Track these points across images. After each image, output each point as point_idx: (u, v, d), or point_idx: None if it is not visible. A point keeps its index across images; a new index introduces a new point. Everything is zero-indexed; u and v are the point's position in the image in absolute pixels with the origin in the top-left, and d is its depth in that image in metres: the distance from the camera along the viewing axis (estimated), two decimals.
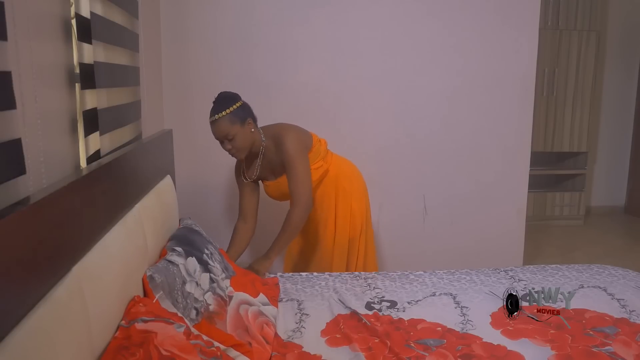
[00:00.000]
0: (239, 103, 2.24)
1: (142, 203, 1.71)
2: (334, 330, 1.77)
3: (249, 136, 2.26)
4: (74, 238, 1.20)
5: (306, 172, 2.29)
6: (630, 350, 1.61)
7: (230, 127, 2.19)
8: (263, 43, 3.03)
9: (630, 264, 3.81)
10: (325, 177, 2.48)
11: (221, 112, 2.18)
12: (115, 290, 1.30)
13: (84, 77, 1.56)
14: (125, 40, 1.96)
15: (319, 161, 2.45)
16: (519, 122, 3.32)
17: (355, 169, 2.65)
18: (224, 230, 3.00)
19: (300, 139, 2.34)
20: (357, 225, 2.54)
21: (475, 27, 3.18)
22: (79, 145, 1.58)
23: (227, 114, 2.18)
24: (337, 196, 2.51)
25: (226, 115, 2.18)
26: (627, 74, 5.40)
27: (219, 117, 2.18)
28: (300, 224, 2.30)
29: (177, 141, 2.70)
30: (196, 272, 1.67)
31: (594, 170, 5.53)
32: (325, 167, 2.48)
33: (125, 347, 1.17)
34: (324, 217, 2.52)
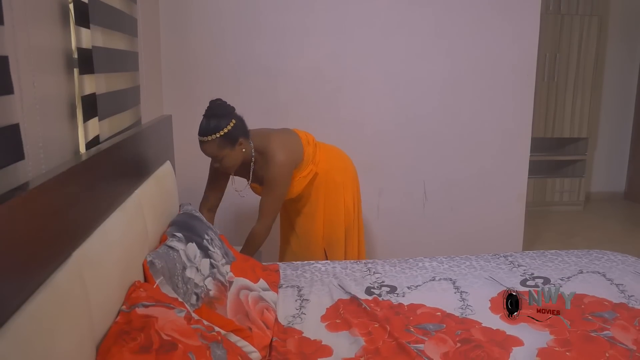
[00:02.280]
0: (231, 124, 2.13)
1: (141, 189, 1.71)
2: (334, 316, 1.78)
3: (239, 156, 2.20)
4: (74, 224, 1.20)
5: (281, 199, 2.30)
6: (629, 334, 1.62)
7: (219, 151, 2.12)
8: (264, 28, 3.01)
9: (630, 249, 3.82)
10: (315, 178, 2.47)
11: (211, 134, 2.08)
12: (115, 276, 1.30)
13: (82, 62, 1.55)
14: (124, 24, 1.94)
15: (309, 166, 2.41)
16: (519, 108, 3.31)
17: (346, 160, 2.62)
18: (224, 216, 3.01)
19: (289, 159, 2.29)
20: (350, 216, 2.54)
21: (476, 13, 3.15)
22: (78, 131, 1.57)
23: (216, 138, 2.09)
24: (327, 190, 2.49)
25: (215, 139, 2.09)
26: (629, 59, 5.37)
27: (208, 140, 2.09)
28: (262, 241, 2.31)
29: (177, 127, 2.69)
30: (196, 258, 1.67)
31: (594, 156, 5.53)
32: (315, 170, 2.44)
33: (126, 332, 1.17)
34: (311, 211, 2.50)
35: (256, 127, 2.37)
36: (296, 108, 3.13)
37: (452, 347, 1.58)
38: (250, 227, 2.35)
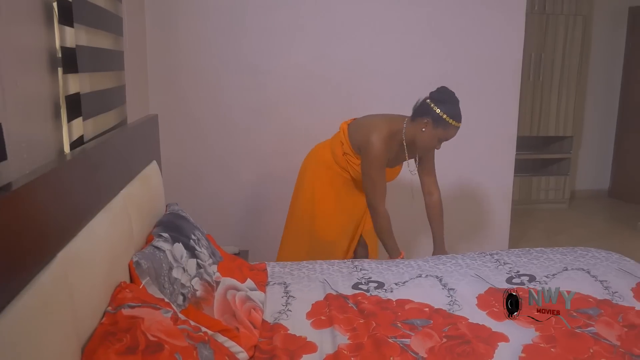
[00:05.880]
0: None
1: (127, 189, 1.70)
2: (320, 312, 1.78)
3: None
4: (58, 224, 1.19)
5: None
6: (613, 331, 1.64)
7: None
8: (251, 27, 3.01)
9: (614, 246, 3.85)
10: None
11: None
12: (101, 277, 1.29)
13: (66, 61, 1.54)
14: (109, 23, 1.92)
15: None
16: (505, 107, 3.34)
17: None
18: (211, 216, 3.00)
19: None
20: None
21: (462, 12, 3.17)
22: (62, 131, 1.55)
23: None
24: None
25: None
26: (613, 58, 5.43)
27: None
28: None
29: (163, 126, 2.68)
30: (183, 258, 1.66)
31: (579, 155, 5.58)
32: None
33: (112, 333, 1.16)
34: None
35: (242, 125, 2.37)
36: (284, 108, 3.12)
37: (438, 342, 1.59)
38: (238, 225, 2.35)
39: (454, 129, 2.24)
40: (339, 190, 2.55)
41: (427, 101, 2.27)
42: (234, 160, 3.17)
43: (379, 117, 2.43)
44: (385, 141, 2.30)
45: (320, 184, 2.55)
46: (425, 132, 2.27)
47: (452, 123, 2.22)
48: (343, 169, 2.50)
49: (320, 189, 2.55)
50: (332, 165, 2.53)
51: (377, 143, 2.28)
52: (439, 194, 2.56)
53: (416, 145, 2.33)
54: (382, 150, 2.29)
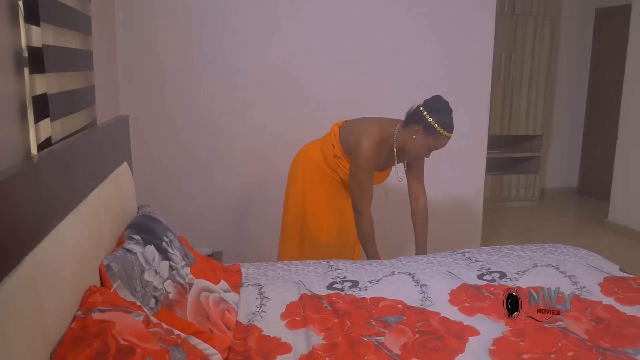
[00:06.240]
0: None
1: (97, 191, 1.67)
2: (294, 313, 1.78)
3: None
4: (25, 228, 1.16)
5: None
6: (581, 324, 1.68)
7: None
8: (226, 26, 2.99)
9: (582, 242, 3.95)
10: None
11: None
12: (70, 281, 1.27)
13: (33, 61, 1.50)
14: (77, 22, 1.89)
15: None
16: (476, 106, 3.38)
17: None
18: (184, 217, 2.97)
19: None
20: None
21: (433, 13, 3.21)
22: (29, 132, 1.52)
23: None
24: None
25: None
26: (580, 59, 5.56)
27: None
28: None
29: (134, 127, 2.64)
30: (155, 260, 1.65)
31: (548, 153, 5.70)
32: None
33: (82, 338, 1.14)
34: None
35: (216, 125, 2.35)
36: (258, 107, 3.11)
37: (411, 338, 1.61)
38: (211, 226, 2.33)
39: (445, 138, 2.24)
40: (330, 191, 2.55)
41: (421, 109, 2.26)
42: (208, 162, 3.15)
43: (372, 121, 2.42)
44: (376, 145, 2.30)
45: (311, 183, 2.55)
46: (415, 139, 2.27)
47: (443, 133, 2.22)
48: (333, 170, 2.50)
49: (310, 189, 2.55)
50: (322, 165, 2.53)
51: (367, 147, 2.28)
52: (425, 200, 2.58)
53: (406, 151, 2.34)
54: (372, 154, 2.30)
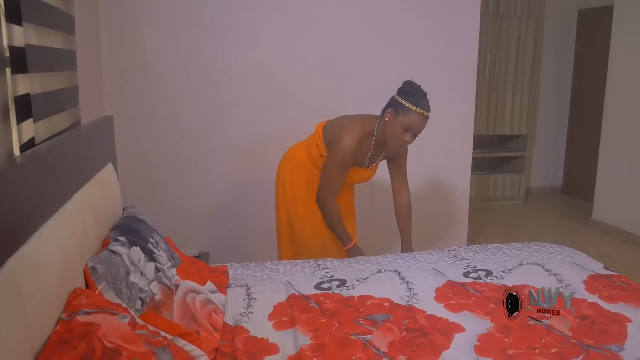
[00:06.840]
0: None
1: (82, 192, 1.66)
2: (282, 314, 1.78)
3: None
4: (8, 230, 1.15)
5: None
6: (566, 321, 1.70)
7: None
8: (211, 26, 2.98)
9: (567, 240, 4.00)
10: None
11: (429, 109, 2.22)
12: (54, 283, 1.25)
13: (15, 61, 1.48)
14: (59, 22, 1.87)
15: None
16: (461, 106, 3.41)
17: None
18: (170, 218, 2.95)
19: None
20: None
21: (418, 13, 3.22)
22: (12, 133, 1.50)
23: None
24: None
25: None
26: (564, 59, 5.62)
27: (429, 114, 2.22)
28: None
29: (119, 127, 2.62)
30: (141, 262, 1.63)
31: (533, 153, 5.76)
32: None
33: (66, 341, 1.13)
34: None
35: (202, 126, 2.34)
36: (242, 106, 3.10)
37: (398, 336, 1.62)
38: (198, 227, 2.32)
39: (415, 114, 2.20)
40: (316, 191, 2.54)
41: (393, 95, 2.30)
42: (194, 162, 3.13)
43: (352, 118, 2.43)
44: (356, 141, 2.30)
45: (299, 185, 2.54)
46: (389, 122, 2.28)
47: (411, 108, 2.20)
48: (320, 170, 2.48)
49: (298, 190, 2.54)
50: (309, 166, 2.52)
51: (347, 142, 2.28)
52: (409, 195, 2.60)
53: (386, 140, 2.33)
54: (351, 150, 2.30)
